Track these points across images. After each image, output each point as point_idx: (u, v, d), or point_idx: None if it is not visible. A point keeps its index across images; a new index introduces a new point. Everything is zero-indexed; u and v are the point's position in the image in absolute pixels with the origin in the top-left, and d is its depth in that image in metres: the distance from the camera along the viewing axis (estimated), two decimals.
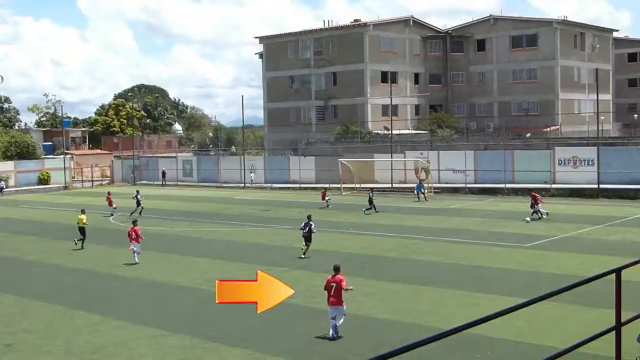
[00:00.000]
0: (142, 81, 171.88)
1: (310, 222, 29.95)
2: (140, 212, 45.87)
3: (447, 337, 4.39)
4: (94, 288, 25.03)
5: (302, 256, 29.13)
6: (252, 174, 71.05)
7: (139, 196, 46.89)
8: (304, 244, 29.64)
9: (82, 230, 34.00)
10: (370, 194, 45.39)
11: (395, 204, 49.83)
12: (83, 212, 34.87)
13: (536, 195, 40.42)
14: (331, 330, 17.36)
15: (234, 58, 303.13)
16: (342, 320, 17.61)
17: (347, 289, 17.79)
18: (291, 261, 28.47)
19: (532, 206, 39.78)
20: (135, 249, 29.37)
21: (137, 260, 29.02)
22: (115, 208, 47.18)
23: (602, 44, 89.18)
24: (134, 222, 31.13)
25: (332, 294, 17.62)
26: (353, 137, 74.73)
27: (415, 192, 52.12)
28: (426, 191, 51.98)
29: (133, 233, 29.72)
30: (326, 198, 49.34)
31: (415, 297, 21.65)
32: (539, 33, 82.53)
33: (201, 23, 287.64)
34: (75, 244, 33.74)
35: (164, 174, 77.96)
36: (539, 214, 39.37)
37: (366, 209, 44.16)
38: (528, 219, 38.56)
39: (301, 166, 67.34)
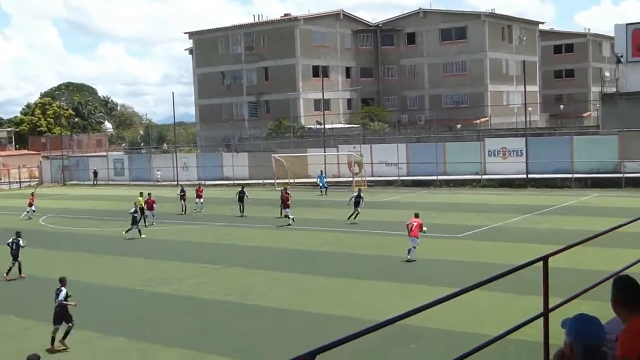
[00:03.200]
0: (69, 79, 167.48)
1: (361, 195, 37.65)
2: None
3: (382, 328, 4.43)
4: (26, 292, 24.47)
5: (350, 221, 36.30)
6: (159, 172, 71.57)
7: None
8: (353, 210, 36.75)
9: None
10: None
11: (330, 198, 50.17)
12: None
13: (288, 195, 38.24)
14: (412, 253, 25.35)
15: (163, 55, 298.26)
16: (417, 247, 25.43)
17: (423, 229, 25.72)
18: (226, 259, 28.39)
19: (282, 207, 38.19)
20: (289, 215, 37.49)
21: (290, 222, 36.88)
22: (34, 211, 46.26)
23: (528, 36, 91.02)
24: (286, 189, 40.25)
25: (412, 229, 25.40)
26: (286, 132, 74.72)
27: (319, 185, 53.04)
28: (356, 184, 52.27)
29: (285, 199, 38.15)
30: (201, 200, 45.95)
31: (350, 291, 21.79)
32: (468, 26, 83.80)
33: (127, 20, 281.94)
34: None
35: (95, 173, 76.61)
36: (287, 217, 37.37)
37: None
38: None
39: (234, 162, 67.08)
